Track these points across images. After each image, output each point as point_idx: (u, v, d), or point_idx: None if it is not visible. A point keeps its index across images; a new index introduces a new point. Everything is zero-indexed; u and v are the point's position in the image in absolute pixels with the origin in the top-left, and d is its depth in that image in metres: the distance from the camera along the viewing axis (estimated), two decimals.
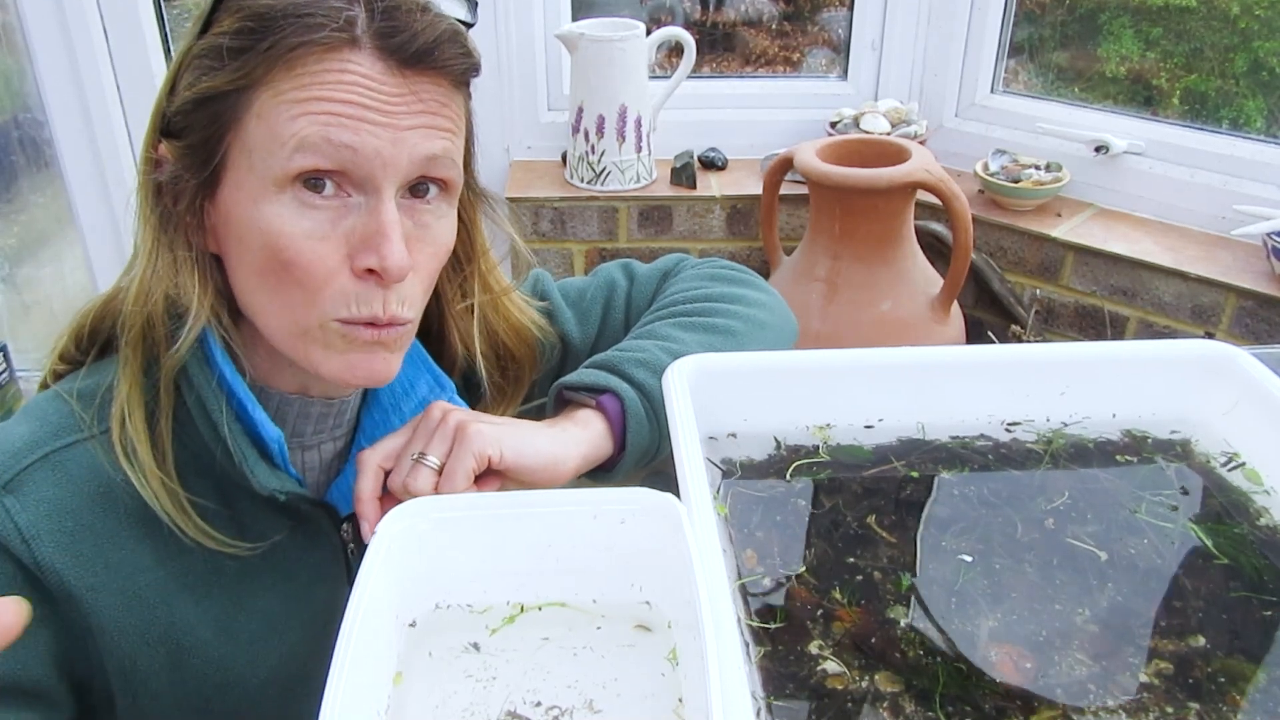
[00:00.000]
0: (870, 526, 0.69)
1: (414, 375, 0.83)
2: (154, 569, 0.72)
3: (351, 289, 0.68)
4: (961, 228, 1.64)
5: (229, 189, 0.68)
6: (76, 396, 0.73)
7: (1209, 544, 0.67)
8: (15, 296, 2.17)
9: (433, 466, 0.71)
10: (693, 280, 0.96)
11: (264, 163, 0.66)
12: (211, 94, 0.66)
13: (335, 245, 0.67)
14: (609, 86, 1.92)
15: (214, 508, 0.73)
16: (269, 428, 0.73)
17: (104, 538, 0.70)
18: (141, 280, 0.70)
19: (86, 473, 0.70)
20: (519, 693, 0.59)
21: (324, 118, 0.65)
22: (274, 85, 0.65)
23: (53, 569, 0.67)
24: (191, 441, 0.73)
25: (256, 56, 0.65)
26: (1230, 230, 1.76)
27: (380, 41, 0.66)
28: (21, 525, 0.67)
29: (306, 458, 0.81)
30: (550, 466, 0.75)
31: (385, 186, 0.67)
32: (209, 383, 0.71)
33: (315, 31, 0.64)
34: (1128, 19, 2.08)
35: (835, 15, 2.24)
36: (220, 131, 0.67)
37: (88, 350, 0.76)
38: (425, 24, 0.67)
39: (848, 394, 0.77)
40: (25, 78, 1.93)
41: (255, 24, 0.65)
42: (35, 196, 2.08)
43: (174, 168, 0.69)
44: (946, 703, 0.56)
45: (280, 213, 0.66)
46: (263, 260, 0.68)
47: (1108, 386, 0.78)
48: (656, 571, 0.63)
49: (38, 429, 0.71)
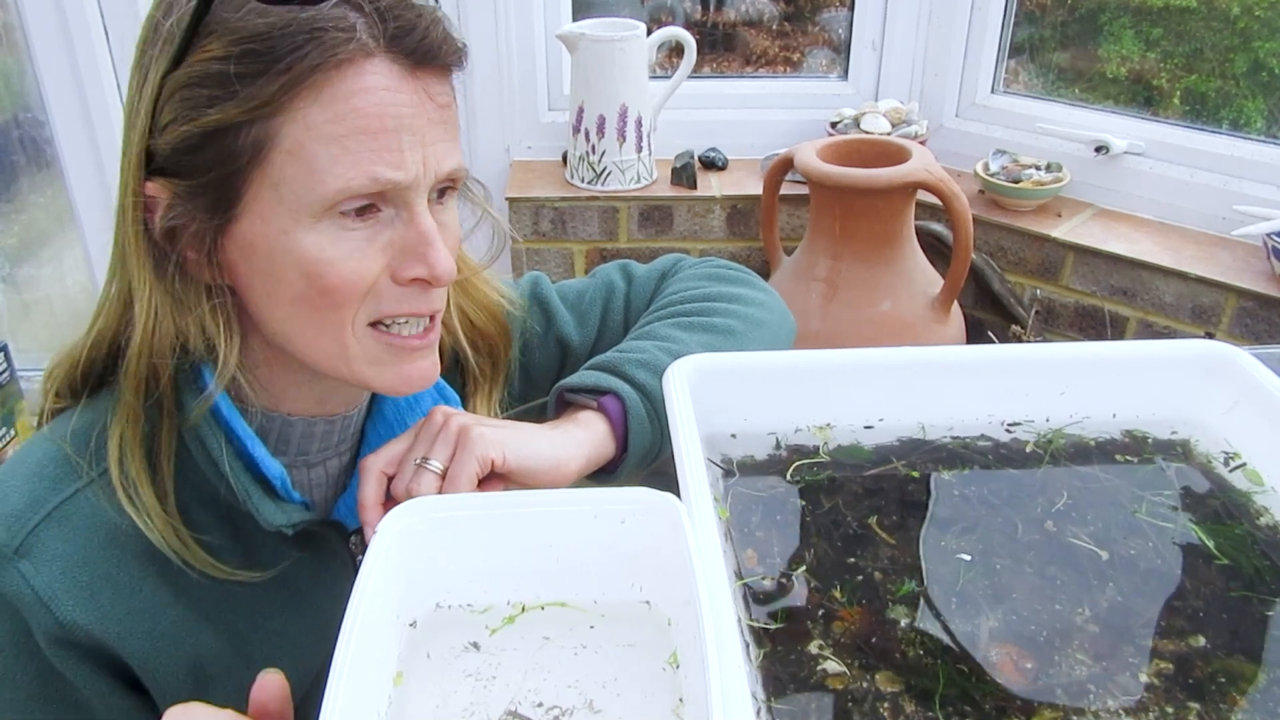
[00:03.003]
0: (870, 526, 0.69)
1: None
2: (173, 605, 0.72)
3: (389, 293, 0.69)
4: (962, 228, 1.64)
5: (250, 221, 0.66)
6: (70, 438, 0.71)
7: (1209, 544, 0.67)
8: (15, 296, 2.17)
9: (436, 471, 0.71)
10: (691, 280, 0.96)
11: (296, 195, 0.64)
12: (221, 127, 0.62)
13: (374, 259, 0.67)
14: (609, 86, 1.92)
15: (222, 541, 0.73)
16: (270, 465, 0.72)
17: (121, 584, 0.70)
18: (144, 332, 0.68)
19: (92, 522, 0.69)
20: (519, 692, 0.59)
21: (365, 155, 0.63)
22: (301, 115, 0.62)
23: (76, 625, 0.67)
24: (194, 475, 0.72)
25: (272, 82, 0.61)
26: (1230, 230, 1.76)
27: (394, 45, 0.64)
28: (39, 588, 0.67)
29: (313, 475, 0.80)
30: (553, 469, 0.75)
31: (417, 200, 0.67)
32: (208, 421, 0.71)
33: (331, 48, 0.62)
34: (1128, 19, 2.08)
35: (835, 15, 2.24)
36: (239, 168, 0.64)
37: (81, 390, 0.75)
38: (426, 19, 0.66)
39: (848, 394, 0.77)
40: (25, 77, 1.93)
41: (260, 46, 0.61)
42: (35, 196, 2.08)
43: (176, 209, 0.66)
44: (946, 703, 0.56)
45: (318, 241, 0.65)
46: (300, 288, 0.66)
47: (1108, 386, 0.78)
48: (656, 571, 0.63)
49: (35, 485, 0.70)
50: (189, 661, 0.72)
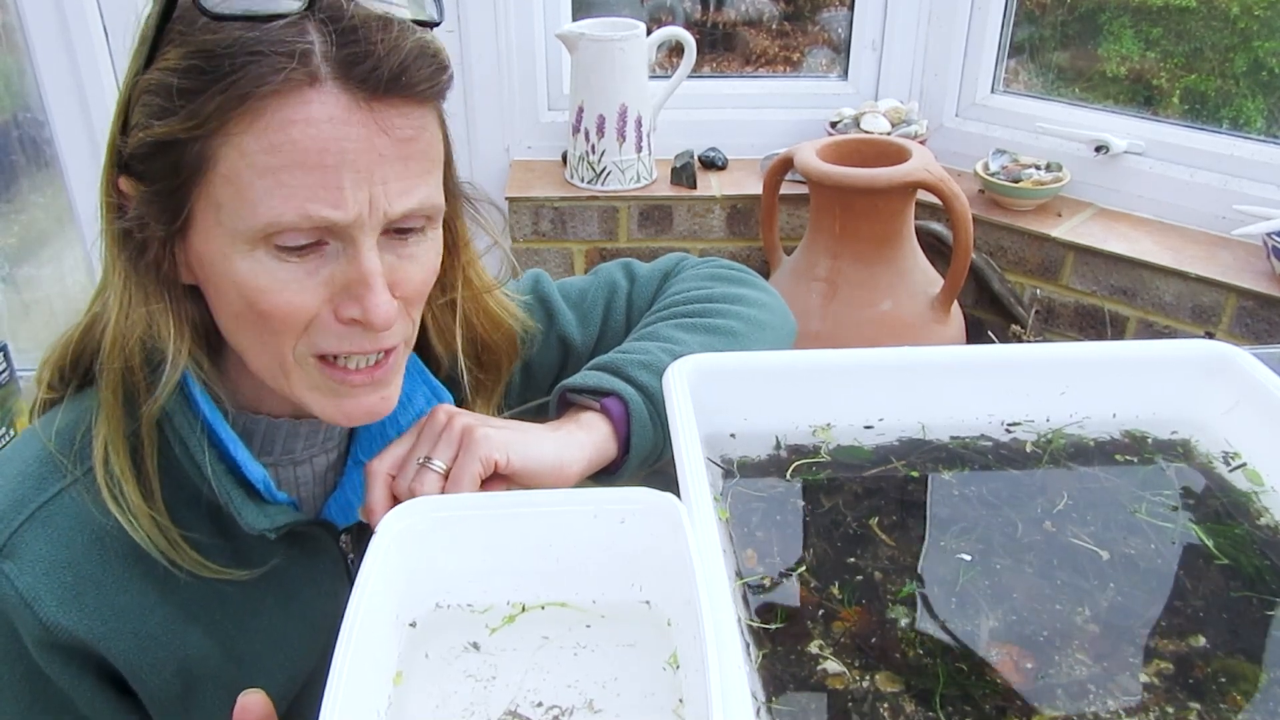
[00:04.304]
0: (870, 527, 0.69)
1: (410, 386, 0.81)
2: (159, 605, 0.71)
3: (334, 330, 0.66)
4: (962, 227, 1.64)
5: (198, 236, 0.65)
6: (55, 437, 0.70)
7: (1209, 544, 0.67)
8: (15, 296, 2.17)
9: (438, 471, 0.71)
10: (693, 280, 0.96)
11: (232, 221, 0.62)
12: (168, 140, 0.61)
13: (314, 293, 0.64)
14: (609, 86, 1.92)
15: (208, 540, 0.72)
16: (252, 468, 0.71)
17: (105, 585, 0.69)
18: (116, 325, 0.67)
19: (76, 522, 0.69)
20: (519, 692, 0.59)
21: (300, 190, 0.60)
22: (235, 140, 0.59)
23: (60, 626, 0.66)
24: (178, 474, 0.71)
25: (210, 102, 0.59)
26: (1230, 230, 1.76)
27: (343, 72, 0.60)
28: (22, 590, 0.66)
29: (299, 473, 0.80)
30: (556, 471, 0.74)
31: (363, 239, 0.63)
32: (190, 424, 0.70)
33: (270, 75, 0.58)
34: (1128, 19, 2.08)
35: (835, 15, 2.24)
36: (184, 183, 0.62)
37: (69, 382, 0.74)
38: (390, 44, 0.60)
39: (848, 394, 0.77)
40: (25, 77, 1.94)
41: (204, 63, 0.59)
42: (35, 196, 2.08)
43: (138, 211, 0.65)
44: (946, 703, 0.56)
45: (253, 268, 0.63)
46: (240, 309, 0.65)
47: (1108, 386, 0.78)
48: (656, 571, 0.63)
49: (19, 485, 0.69)
50: (177, 663, 0.72)
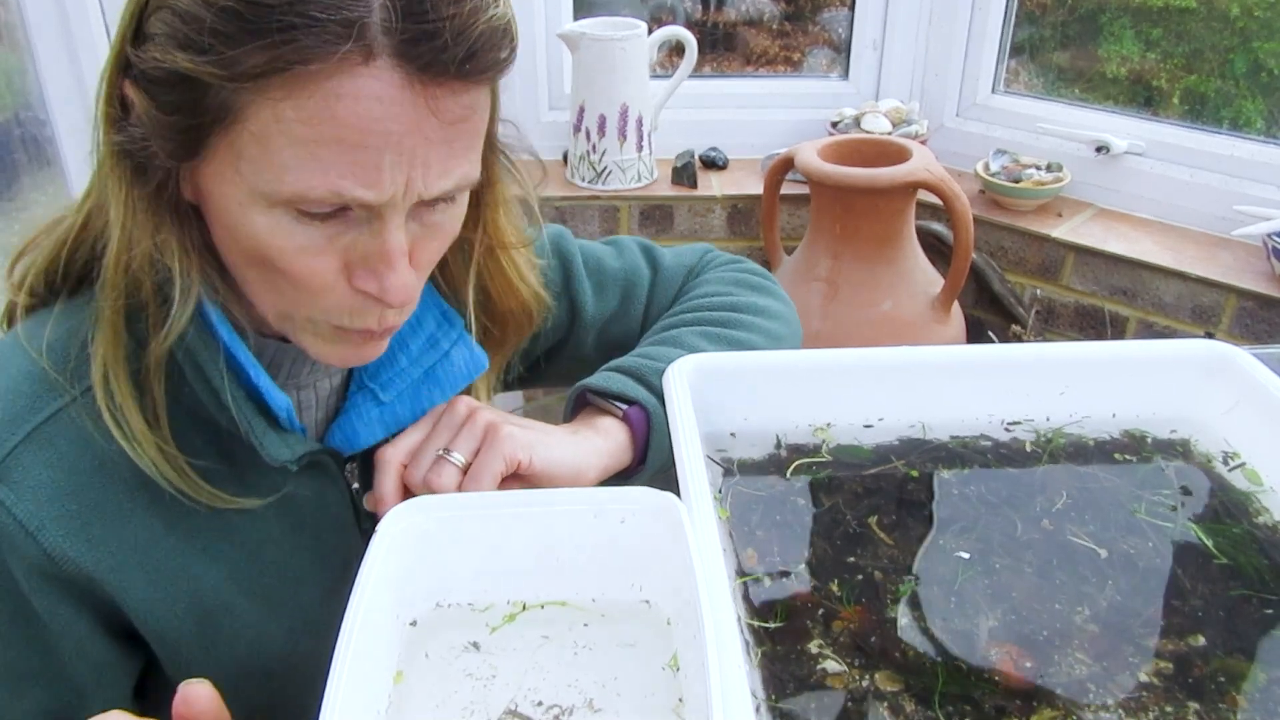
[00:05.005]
0: (870, 526, 0.69)
1: (420, 310, 0.76)
2: (166, 536, 0.67)
3: (348, 302, 0.63)
4: (962, 227, 1.64)
5: (212, 176, 0.59)
6: (46, 351, 0.64)
7: (1209, 544, 0.67)
8: None
9: (458, 464, 0.69)
10: (719, 284, 0.96)
11: (254, 178, 0.57)
12: (192, 76, 0.54)
13: (332, 259, 0.61)
14: (610, 86, 1.92)
15: (215, 466, 0.67)
16: (277, 396, 0.67)
17: (112, 514, 0.64)
18: (118, 249, 0.61)
19: (77, 447, 0.63)
20: (519, 691, 0.59)
21: (334, 167, 0.56)
22: (271, 103, 0.54)
23: (66, 558, 0.62)
24: (186, 398, 0.66)
25: (248, 57, 0.53)
26: (1230, 230, 1.76)
27: (402, 50, 0.54)
28: (22, 518, 0.61)
29: (302, 396, 0.75)
30: (573, 476, 0.73)
31: (391, 215, 0.60)
32: (208, 349, 0.65)
33: (320, 47, 0.53)
34: (1128, 20, 2.08)
35: (836, 15, 2.24)
36: (204, 125, 0.57)
37: (59, 289, 0.68)
38: (460, 23, 0.55)
39: (848, 394, 0.77)
40: (27, 76, 1.94)
41: (245, 9, 0.52)
42: (37, 194, 2.08)
43: (143, 131, 0.59)
44: (946, 702, 0.56)
45: (271, 226, 0.59)
46: (251, 256, 0.61)
47: (1108, 386, 0.78)
48: (656, 571, 0.63)
49: (10, 402, 0.63)
50: (188, 599, 0.68)
